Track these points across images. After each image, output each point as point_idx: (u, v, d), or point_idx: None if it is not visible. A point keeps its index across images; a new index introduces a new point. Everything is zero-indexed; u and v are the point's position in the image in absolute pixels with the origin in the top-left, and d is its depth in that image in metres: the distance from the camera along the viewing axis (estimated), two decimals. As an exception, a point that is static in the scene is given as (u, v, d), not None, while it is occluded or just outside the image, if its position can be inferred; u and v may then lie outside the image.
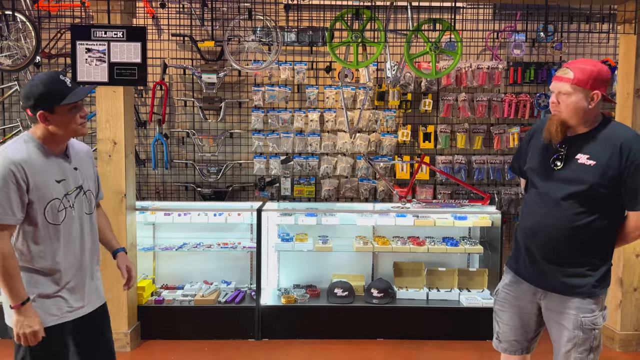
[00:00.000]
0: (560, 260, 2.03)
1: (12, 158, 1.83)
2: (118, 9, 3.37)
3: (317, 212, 3.99)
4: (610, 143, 1.95)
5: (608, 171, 1.93)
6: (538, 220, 2.06)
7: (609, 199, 1.96)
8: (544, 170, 2.06)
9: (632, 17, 3.45)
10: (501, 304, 2.24)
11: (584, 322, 2.00)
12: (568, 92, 1.95)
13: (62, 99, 1.87)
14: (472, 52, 5.00)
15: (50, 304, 1.93)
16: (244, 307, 3.79)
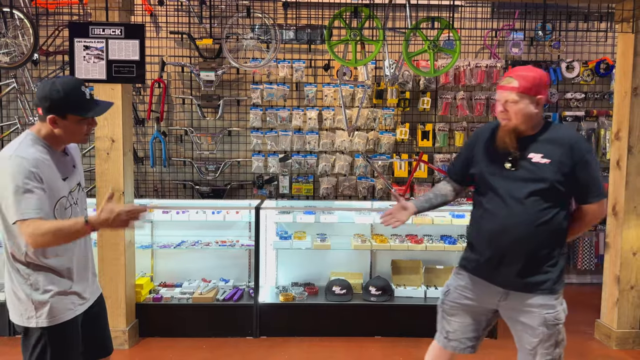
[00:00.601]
0: (525, 258, 2.07)
1: (27, 158, 1.83)
2: (116, 6, 3.36)
3: (316, 210, 3.99)
4: (560, 143, 2.05)
5: (562, 168, 2.02)
6: (502, 221, 2.08)
7: (563, 195, 2.05)
8: (498, 173, 2.10)
9: (630, 16, 3.45)
10: (453, 304, 2.25)
11: (547, 318, 2.05)
12: (515, 100, 2.03)
13: (77, 111, 1.88)
14: (470, 51, 5.01)
15: (66, 300, 1.96)
16: (242, 304, 3.79)
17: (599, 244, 5.08)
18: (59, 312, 1.93)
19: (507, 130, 2.08)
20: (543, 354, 2.08)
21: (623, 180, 3.60)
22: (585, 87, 5.11)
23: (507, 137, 2.07)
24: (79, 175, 2.08)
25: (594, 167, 2.06)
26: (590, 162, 2.05)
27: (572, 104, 5.08)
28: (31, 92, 4.89)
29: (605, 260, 3.80)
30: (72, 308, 1.98)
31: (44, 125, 1.91)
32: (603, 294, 3.82)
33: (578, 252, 5.14)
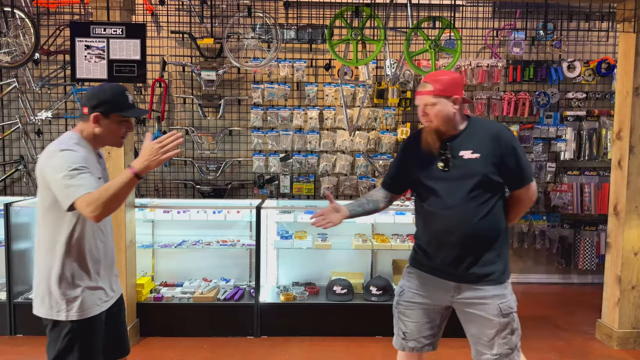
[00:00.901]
0: (474, 254, 2.13)
1: (77, 151, 1.95)
2: (117, 5, 3.36)
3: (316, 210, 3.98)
4: (485, 135, 2.15)
5: (492, 159, 2.11)
6: (446, 221, 2.14)
7: (498, 185, 2.15)
8: (434, 176, 2.18)
9: (632, 16, 3.45)
10: (407, 304, 2.28)
11: (502, 308, 2.12)
12: (432, 103, 2.13)
13: (119, 110, 2.02)
14: (471, 50, 5.00)
15: (94, 296, 2.04)
16: (243, 304, 3.79)
17: (600, 244, 5.07)
18: (87, 307, 2.01)
19: (429, 132, 2.17)
20: (501, 344, 2.13)
21: (624, 180, 3.59)
22: (586, 86, 5.10)
23: (430, 137, 2.16)
24: (107, 176, 2.19)
25: (521, 153, 2.16)
26: (517, 148, 2.15)
27: (573, 104, 5.08)
28: (32, 91, 4.89)
29: (607, 260, 3.79)
30: (99, 304, 2.06)
31: (87, 125, 2.03)
32: (604, 294, 3.82)
33: (579, 252, 5.14)
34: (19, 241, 3.82)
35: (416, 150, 2.25)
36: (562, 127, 5.00)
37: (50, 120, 4.95)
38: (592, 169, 5.11)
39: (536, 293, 5.01)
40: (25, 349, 3.54)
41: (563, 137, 5.00)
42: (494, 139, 2.13)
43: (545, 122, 5.02)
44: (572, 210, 5.07)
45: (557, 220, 5.12)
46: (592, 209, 5.06)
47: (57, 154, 1.92)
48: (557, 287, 5.21)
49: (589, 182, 5.07)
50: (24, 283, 3.89)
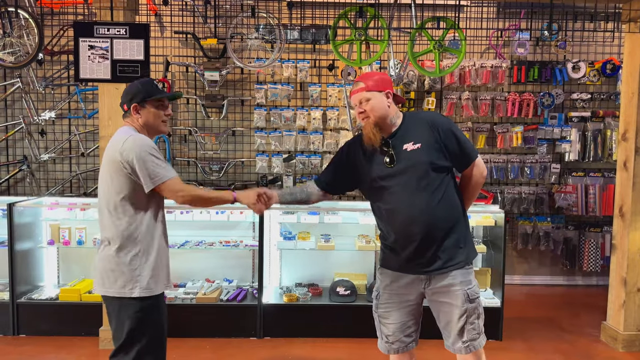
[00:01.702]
0: (437, 239, 2.19)
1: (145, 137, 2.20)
2: (121, 6, 3.36)
3: (320, 211, 3.98)
4: (422, 125, 2.24)
5: (433, 145, 2.20)
6: (405, 214, 2.19)
7: (444, 169, 2.22)
8: (383, 173, 2.23)
9: (637, 16, 3.42)
10: (386, 305, 2.32)
11: (469, 293, 2.20)
12: (367, 98, 2.22)
13: (152, 94, 2.23)
14: (475, 51, 4.99)
15: (161, 275, 2.26)
16: (246, 305, 3.78)
17: (605, 246, 5.04)
18: (155, 285, 2.21)
19: (369, 127, 2.22)
20: (469, 330, 2.22)
21: (630, 181, 3.57)
22: (591, 87, 5.08)
23: (371, 132, 2.21)
24: None
25: (459, 134, 2.25)
26: (453, 130, 2.24)
27: (578, 105, 5.05)
28: (36, 91, 4.90)
29: (612, 262, 3.77)
30: (165, 283, 2.29)
31: (132, 119, 2.25)
32: (609, 296, 3.79)
33: (584, 253, 5.11)
34: (22, 241, 3.82)
35: (358, 154, 2.32)
36: (566, 128, 4.97)
37: (54, 120, 4.96)
38: (596, 170, 5.08)
39: (540, 295, 4.98)
40: (28, 349, 3.53)
41: (568, 138, 4.97)
42: (430, 127, 2.22)
43: (550, 123, 5.00)
44: (576, 211, 5.04)
45: (562, 221, 5.09)
46: (597, 210, 5.03)
47: (130, 139, 2.13)
48: (562, 288, 5.18)
49: (594, 184, 5.04)
50: (27, 283, 3.89)
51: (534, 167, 5.00)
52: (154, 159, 2.12)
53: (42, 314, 3.74)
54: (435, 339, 2.55)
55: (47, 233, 4.00)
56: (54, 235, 3.92)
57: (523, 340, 3.79)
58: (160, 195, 2.21)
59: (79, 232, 3.91)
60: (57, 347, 3.56)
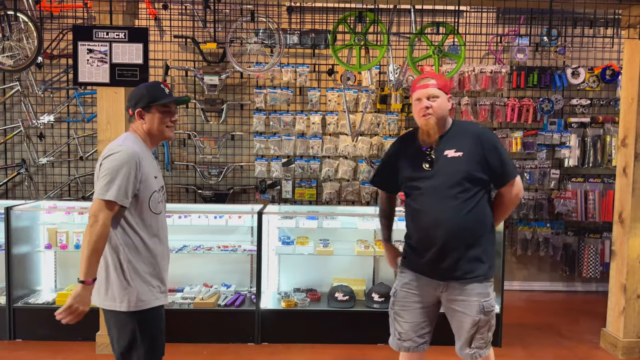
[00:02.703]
0: (460, 247, 2.21)
1: (135, 150, 2.07)
2: (120, 10, 3.36)
3: (318, 216, 3.97)
4: (468, 135, 2.26)
5: (474, 157, 2.22)
6: (433, 217, 2.23)
7: (481, 182, 2.24)
8: (421, 175, 2.28)
9: (637, 22, 3.42)
10: (402, 303, 2.36)
11: (485, 306, 2.23)
12: (436, 95, 2.24)
13: (157, 99, 2.14)
14: (475, 56, 4.99)
15: (151, 287, 2.14)
16: (244, 310, 3.76)
17: (605, 252, 5.03)
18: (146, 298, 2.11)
19: (431, 124, 2.23)
20: (478, 339, 2.27)
21: (629, 187, 3.56)
22: (590, 93, 5.08)
23: (432, 129, 2.23)
24: (162, 179, 2.30)
25: (503, 152, 2.27)
26: (498, 147, 2.26)
27: (577, 110, 5.05)
28: (35, 95, 4.89)
29: (612, 269, 3.75)
30: (157, 297, 2.17)
31: (136, 124, 2.18)
32: (609, 302, 3.77)
33: (583, 259, 5.09)
34: (20, 245, 3.80)
35: (404, 151, 2.37)
36: (566, 134, 4.97)
37: (53, 124, 4.95)
38: (596, 175, 5.08)
39: (540, 301, 4.96)
40: (24, 354, 3.51)
41: (567, 144, 4.97)
42: (476, 139, 2.24)
43: (549, 129, 5.00)
44: (576, 217, 5.03)
45: (561, 227, 5.08)
46: (597, 216, 5.02)
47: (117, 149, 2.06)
48: (561, 295, 5.16)
49: (593, 189, 5.03)
50: (24, 287, 3.87)
51: (533, 173, 4.99)
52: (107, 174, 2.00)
53: (38, 318, 3.71)
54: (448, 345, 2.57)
55: (44, 237, 3.98)
56: (52, 239, 3.90)
57: (522, 347, 3.78)
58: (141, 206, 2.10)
59: (76, 236, 3.90)
60: (53, 352, 3.54)
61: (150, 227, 2.14)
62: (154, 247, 2.15)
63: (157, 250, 2.17)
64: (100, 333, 3.48)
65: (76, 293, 1.95)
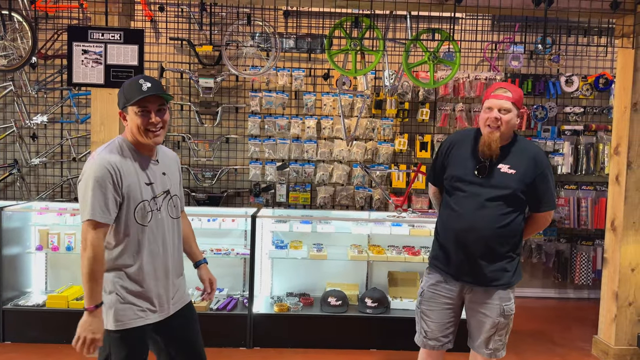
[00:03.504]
0: (488, 256, 2.29)
1: (108, 159, 1.89)
2: (116, 11, 3.35)
3: (312, 220, 3.96)
4: (525, 155, 2.30)
5: (525, 178, 2.28)
6: (469, 221, 2.29)
7: (522, 202, 2.31)
8: (470, 178, 2.32)
9: (631, 32, 3.45)
10: (428, 303, 2.44)
11: (505, 309, 2.32)
12: (509, 109, 2.25)
13: (129, 99, 1.91)
14: (470, 63, 5.01)
15: (132, 305, 1.95)
16: (236, 314, 3.74)
17: (597, 259, 5.05)
18: (125, 317, 1.94)
19: (495, 137, 2.25)
20: (496, 340, 2.35)
21: (622, 195, 3.58)
22: (584, 101, 5.11)
23: (494, 142, 2.25)
24: (170, 183, 2.08)
25: (551, 181, 2.34)
26: (548, 176, 2.33)
27: (570, 118, 5.08)
28: (28, 95, 4.86)
29: (604, 276, 3.77)
30: (141, 315, 1.96)
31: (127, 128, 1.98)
32: (601, 310, 3.79)
33: (575, 266, 5.11)
34: (10, 246, 3.76)
35: (462, 150, 2.37)
36: (559, 141, 5.00)
37: (46, 124, 4.91)
38: (589, 183, 5.11)
39: (532, 307, 4.97)
40: (14, 357, 3.47)
41: (560, 151, 5.00)
42: (532, 161, 2.29)
43: (543, 136, 5.03)
44: (568, 224, 5.05)
45: (554, 234, 5.10)
46: (589, 223, 5.05)
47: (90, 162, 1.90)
48: (553, 301, 5.18)
49: (586, 197, 5.06)
50: (14, 289, 3.83)
51: (526, 180, 5.01)
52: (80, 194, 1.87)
53: (28, 320, 3.67)
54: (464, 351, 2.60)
55: (35, 238, 3.95)
56: (43, 240, 3.87)
57: (515, 354, 3.78)
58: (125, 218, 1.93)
59: (68, 237, 3.87)
60: (43, 354, 3.50)
61: (134, 241, 1.95)
62: (140, 263, 1.96)
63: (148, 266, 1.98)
64: (90, 336, 3.44)
65: (82, 321, 1.86)
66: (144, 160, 1.99)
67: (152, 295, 2.00)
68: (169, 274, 2.08)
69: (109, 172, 1.86)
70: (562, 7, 3.36)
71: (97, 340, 1.86)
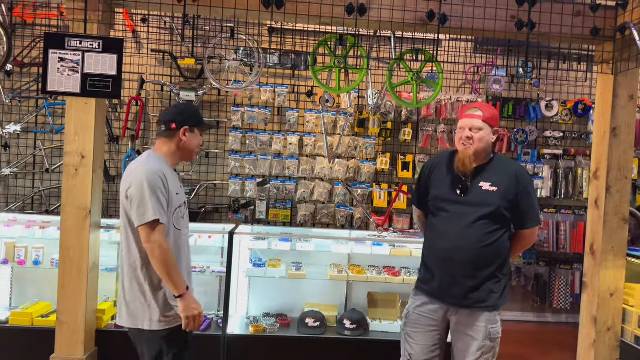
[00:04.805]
0: (474, 277, 2.27)
1: (156, 168, 2.16)
2: (95, 19, 3.27)
3: (292, 238, 3.88)
4: (506, 172, 2.33)
5: (507, 196, 2.29)
6: (452, 242, 2.29)
7: (506, 220, 2.31)
8: (451, 198, 2.34)
9: (610, 58, 3.51)
10: (414, 325, 2.42)
11: (492, 332, 2.30)
12: (480, 127, 2.30)
13: (202, 123, 2.33)
14: (452, 85, 5.05)
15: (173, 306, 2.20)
16: (209, 335, 3.61)
17: (575, 283, 5.06)
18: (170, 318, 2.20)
19: (468, 154, 2.31)
20: None
21: (601, 220, 3.59)
22: (563, 126, 5.18)
23: (468, 160, 2.31)
24: (184, 194, 2.35)
25: (534, 197, 2.35)
26: (531, 192, 2.34)
27: (550, 142, 5.14)
28: (1, 103, 4.71)
29: (583, 301, 3.75)
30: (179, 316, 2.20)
31: (165, 142, 2.26)
32: (580, 334, 3.76)
33: (554, 290, 5.11)
34: (-27, 259, 3.59)
35: (442, 171, 2.42)
36: (539, 165, 5.04)
37: (19, 134, 4.76)
38: (567, 207, 5.15)
39: (511, 331, 4.93)
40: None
41: (540, 175, 5.03)
42: (513, 178, 2.31)
43: (523, 159, 5.06)
44: (548, 247, 5.07)
45: (534, 257, 5.10)
46: (568, 247, 5.07)
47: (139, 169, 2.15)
48: (532, 325, 5.15)
49: (565, 221, 5.09)
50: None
51: (507, 202, 5.03)
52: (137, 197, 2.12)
53: (-11, 338, 3.48)
54: None
55: (1, 251, 3.77)
56: (9, 254, 3.70)
57: (494, 379, 3.72)
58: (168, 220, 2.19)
59: (36, 251, 3.70)
60: (2, 375, 3.32)
61: (176, 245, 2.20)
62: (181, 265, 2.22)
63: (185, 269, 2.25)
64: (54, 355, 3.27)
65: (182, 307, 2.14)
66: (173, 172, 2.29)
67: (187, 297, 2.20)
68: (191, 278, 2.37)
69: (159, 178, 2.13)
70: (543, 32, 3.40)
71: (201, 313, 2.20)
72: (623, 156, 3.55)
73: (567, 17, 3.35)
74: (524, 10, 3.24)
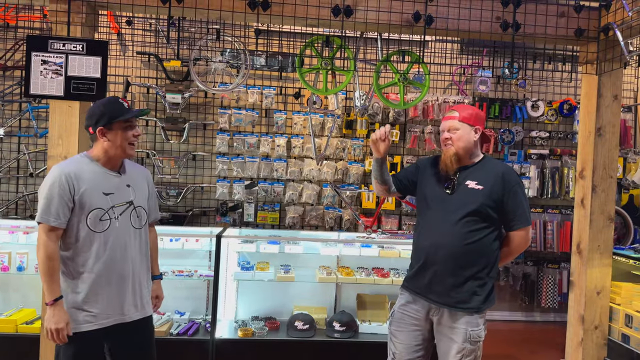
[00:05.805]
0: (457, 275, 2.27)
1: (63, 169, 2.11)
2: (79, 21, 3.22)
3: (280, 240, 3.85)
4: (493, 172, 2.35)
5: (493, 194, 2.30)
6: (437, 238, 2.31)
7: (493, 220, 2.31)
8: (438, 195, 2.38)
9: (594, 59, 3.54)
10: (397, 324, 2.42)
11: (472, 335, 2.26)
12: (456, 127, 2.36)
13: (119, 115, 2.15)
14: (439, 86, 5.07)
15: (80, 310, 2.10)
16: (198, 340, 3.57)
17: (562, 282, 5.10)
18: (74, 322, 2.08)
19: (449, 155, 2.36)
20: None
21: (587, 219, 3.62)
22: (549, 126, 5.23)
23: (449, 160, 2.35)
24: (134, 195, 2.25)
25: (522, 197, 2.34)
26: (519, 192, 2.33)
27: (537, 142, 5.18)
28: (-16, 106, 4.64)
29: (570, 299, 3.78)
30: (89, 320, 2.10)
31: (96, 144, 2.18)
32: (568, 333, 3.79)
33: (542, 290, 5.14)
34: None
35: (430, 172, 2.47)
36: (526, 165, 5.08)
37: (2, 138, 4.69)
38: (554, 207, 5.18)
39: (499, 330, 4.96)
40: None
41: (527, 175, 5.07)
42: (500, 177, 2.32)
43: (510, 159, 5.09)
44: (535, 247, 5.10)
45: (521, 257, 5.13)
46: (555, 246, 5.11)
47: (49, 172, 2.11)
48: (520, 324, 5.18)
49: (552, 220, 5.13)
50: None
51: (494, 202, 5.06)
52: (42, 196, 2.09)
53: (-29, 347, 3.41)
54: None
55: (-17, 258, 3.70)
56: (-9, 260, 3.63)
57: (483, 378, 3.73)
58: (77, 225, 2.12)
59: (20, 257, 3.64)
60: (-15, 384, 3.25)
61: (86, 247, 2.11)
62: (91, 268, 2.11)
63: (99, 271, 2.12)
64: (39, 364, 3.21)
65: (46, 316, 2.03)
66: (106, 173, 2.18)
67: (104, 300, 2.11)
68: (127, 280, 2.18)
69: (63, 180, 2.06)
70: (528, 32, 3.42)
71: (62, 329, 2.02)
72: (608, 155, 3.58)
73: (551, 17, 3.38)
74: (509, 12, 3.26)
